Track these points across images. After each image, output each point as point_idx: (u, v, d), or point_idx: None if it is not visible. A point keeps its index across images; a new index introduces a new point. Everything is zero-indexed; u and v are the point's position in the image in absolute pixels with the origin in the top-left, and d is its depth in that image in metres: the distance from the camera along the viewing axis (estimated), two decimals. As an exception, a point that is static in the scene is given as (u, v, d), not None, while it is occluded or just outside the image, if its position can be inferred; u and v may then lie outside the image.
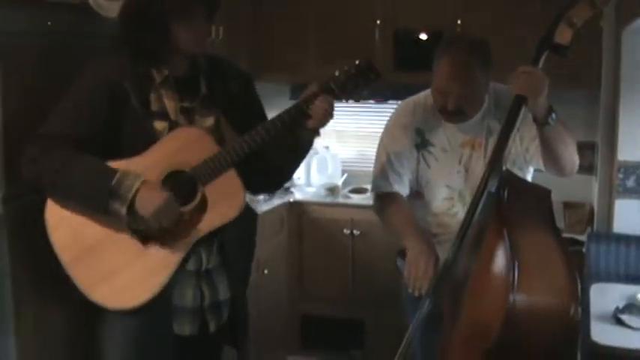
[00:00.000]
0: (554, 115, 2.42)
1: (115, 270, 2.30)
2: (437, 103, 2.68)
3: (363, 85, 2.42)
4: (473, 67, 2.58)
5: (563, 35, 2.41)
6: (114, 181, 2.20)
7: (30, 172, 2.26)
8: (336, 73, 2.41)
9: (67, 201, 2.29)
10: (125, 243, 2.30)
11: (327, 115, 2.37)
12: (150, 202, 2.21)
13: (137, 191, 2.20)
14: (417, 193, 2.84)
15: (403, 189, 2.82)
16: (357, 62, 2.43)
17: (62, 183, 2.24)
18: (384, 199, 2.83)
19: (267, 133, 2.33)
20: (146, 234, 2.30)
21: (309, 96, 2.37)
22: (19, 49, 2.41)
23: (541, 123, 2.43)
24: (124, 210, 2.21)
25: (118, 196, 2.20)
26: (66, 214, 2.31)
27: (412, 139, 2.79)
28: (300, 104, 2.37)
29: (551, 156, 2.56)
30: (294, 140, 2.43)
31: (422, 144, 2.78)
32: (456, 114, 2.64)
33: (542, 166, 2.67)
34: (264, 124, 2.37)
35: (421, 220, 2.78)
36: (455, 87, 2.58)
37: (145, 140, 2.31)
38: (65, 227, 2.31)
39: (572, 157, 2.59)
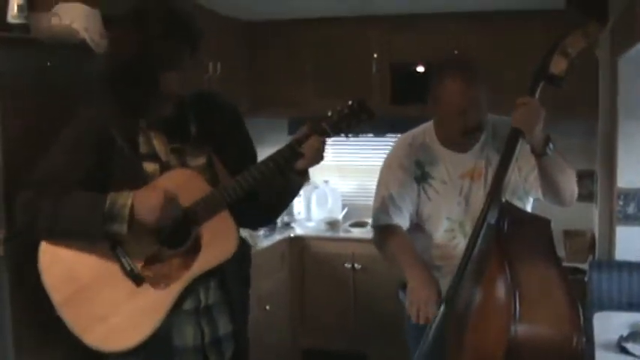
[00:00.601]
0: (551, 146, 2.43)
1: (107, 312, 2.27)
2: (453, 128, 2.66)
3: (355, 125, 2.41)
4: (475, 82, 2.60)
5: (558, 65, 2.42)
6: (106, 205, 2.19)
7: (24, 217, 2.25)
8: (329, 114, 2.41)
9: (65, 239, 2.29)
10: (118, 284, 2.29)
11: (319, 155, 2.37)
12: (149, 201, 2.20)
13: (132, 205, 2.19)
14: (417, 226, 2.84)
15: (404, 222, 2.81)
16: (349, 102, 2.41)
17: (57, 223, 2.23)
18: (384, 231, 2.82)
19: (259, 173, 2.33)
20: (139, 276, 2.29)
21: (301, 136, 2.38)
22: (19, 88, 2.43)
23: (539, 154, 2.45)
24: (124, 228, 2.19)
25: (114, 217, 2.19)
26: (59, 255, 2.29)
27: (412, 172, 2.80)
28: (292, 144, 2.37)
29: (549, 186, 2.56)
30: (285, 181, 2.43)
31: (422, 177, 2.79)
32: (474, 130, 2.65)
33: (540, 196, 2.67)
34: (257, 164, 2.36)
35: (423, 252, 2.77)
36: (468, 100, 2.58)
37: (135, 182, 2.29)
38: (57, 268, 2.29)
39: (571, 186, 2.59)
